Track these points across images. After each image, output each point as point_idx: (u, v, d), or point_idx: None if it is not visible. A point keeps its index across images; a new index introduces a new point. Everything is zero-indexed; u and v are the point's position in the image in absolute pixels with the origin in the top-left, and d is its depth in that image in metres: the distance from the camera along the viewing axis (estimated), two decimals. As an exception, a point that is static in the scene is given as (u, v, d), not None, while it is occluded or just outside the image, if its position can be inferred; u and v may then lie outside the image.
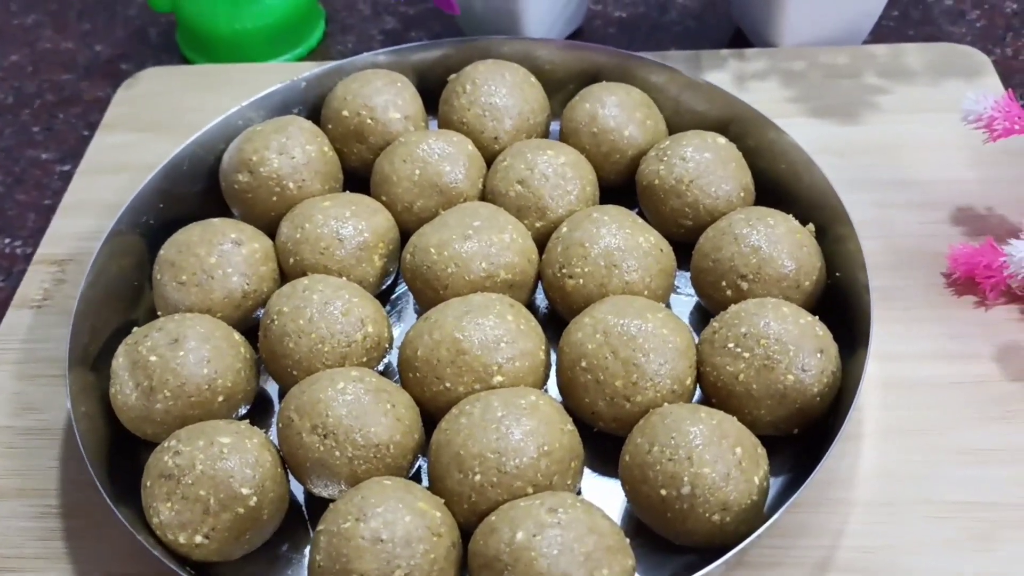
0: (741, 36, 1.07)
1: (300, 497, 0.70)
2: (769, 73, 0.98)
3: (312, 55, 1.10)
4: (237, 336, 0.72)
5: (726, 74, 0.97)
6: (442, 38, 0.99)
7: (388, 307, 0.81)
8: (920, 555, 0.65)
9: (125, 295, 0.79)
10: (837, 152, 0.87)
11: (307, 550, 0.67)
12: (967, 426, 0.71)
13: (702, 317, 0.78)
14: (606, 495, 0.68)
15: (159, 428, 0.68)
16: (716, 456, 0.61)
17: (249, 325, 0.77)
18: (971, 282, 0.79)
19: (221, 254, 0.75)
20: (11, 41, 1.16)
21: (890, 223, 0.84)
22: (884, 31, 1.06)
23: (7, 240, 0.93)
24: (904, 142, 0.91)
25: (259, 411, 0.75)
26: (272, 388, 0.77)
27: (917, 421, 0.72)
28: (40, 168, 1.00)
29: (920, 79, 0.96)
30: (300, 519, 0.69)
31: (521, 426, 0.62)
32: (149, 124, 0.98)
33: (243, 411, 0.72)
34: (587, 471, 0.70)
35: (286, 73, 0.94)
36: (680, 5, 1.12)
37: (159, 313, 0.76)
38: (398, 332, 0.78)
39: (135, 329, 0.72)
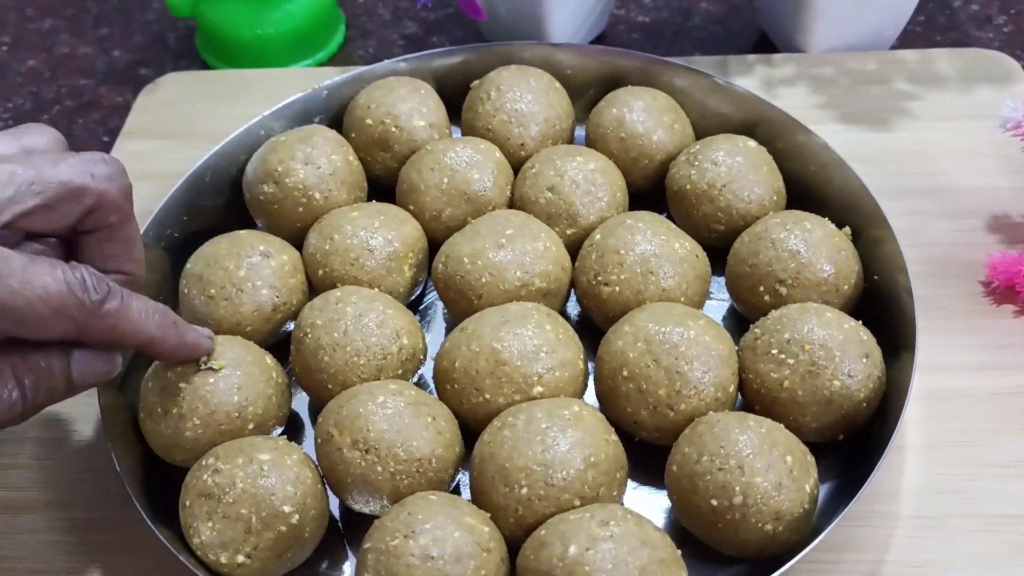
0: (765, 42, 1.06)
1: (336, 514, 0.69)
2: (797, 79, 0.97)
3: (332, 60, 1.09)
4: (269, 360, 0.71)
5: (754, 80, 0.97)
6: (464, 43, 0.98)
7: (417, 317, 0.80)
8: (966, 570, 0.64)
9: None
10: (868, 160, 0.86)
11: (346, 566, 0.67)
12: (1009, 438, 0.70)
13: (735, 323, 0.77)
14: (648, 506, 0.68)
15: (189, 455, 0.66)
16: (767, 465, 0.60)
17: (279, 339, 0.76)
18: (1011, 291, 0.78)
19: (250, 267, 0.74)
20: (28, 46, 1.15)
21: (924, 232, 0.83)
22: (911, 37, 1.06)
23: (30, 249, 0.92)
24: (936, 149, 0.90)
25: (289, 428, 0.74)
26: (300, 404, 0.76)
27: (958, 433, 0.71)
28: (61, 176, 0.99)
29: (950, 85, 0.95)
30: (338, 536, 0.68)
31: (567, 437, 0.62)
32: (171, 131, 0.97)
33: (275, 435, 0.71)
34: (628, 482, 0.69)
35: (307, 79, 0.93)
36: (704, 10, 1.12)
37: (187, 327, 0.75)
38: (428, 342, 0.77)
39: None
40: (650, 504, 0.68)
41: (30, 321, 0.51)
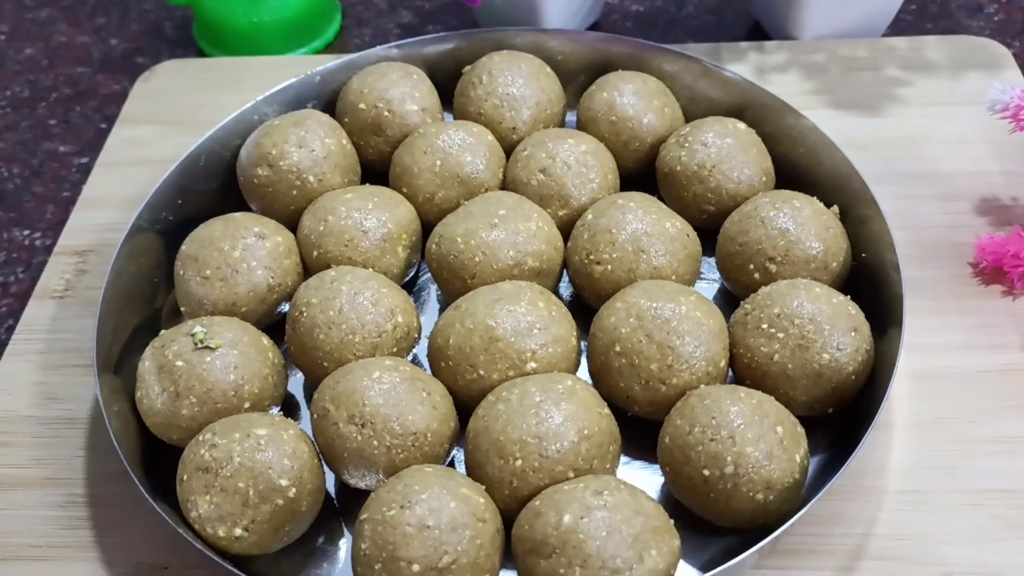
0: (758, 30, 1.07)
1: (332, 491, 0.70)
2: (789, 66, 0.98)
3: (328, 48, 1.10)
4: (266, 341, 0.71)
5: (746, 66, 0.98)
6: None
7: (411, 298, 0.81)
8: (952, 543, 0.65)
9: (145, 293, 0.79)
10: (859, 145, 0.87)
11: (342, 542, 0.67)
12: (996, 415, 0.71)
13: (726, 303, 0.78)
14: (641, 481, 0.68)
15: (185, 433, 0.67)
16: (758, 435, 0.61)
17: (274, 320, 0.77)
18: (999, 272, 0.79)
19: (245, 248, 0.75)
20: (25, 35, 1.16)
21: (915, 215, 0.84)
22: (902, 25, 1.07)
23: (26, 232, 0.93)
24: (926, 135, 0.91)
25: (285, 408, 0.74)
26: (295, 387, 0.76)
27: (946, 411, 0.72)
28: (58, 161, 1.00)
29: (941, 72, 0.96)
30: (334, 511, 0.69)
31: (561, 410, 0.62)
32: (167, 117, 0.98)
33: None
34: (621, 457, 0.69)
35: (303, 66, 0.94)
36: (697, -1, 1.13)
37: (182, 309, 0.76)
38: (422, 324, 0.78)
39: (162, 332, 0.71)
40: (643, 479, 0.69)
41: None
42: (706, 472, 0.61)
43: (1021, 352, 0.74)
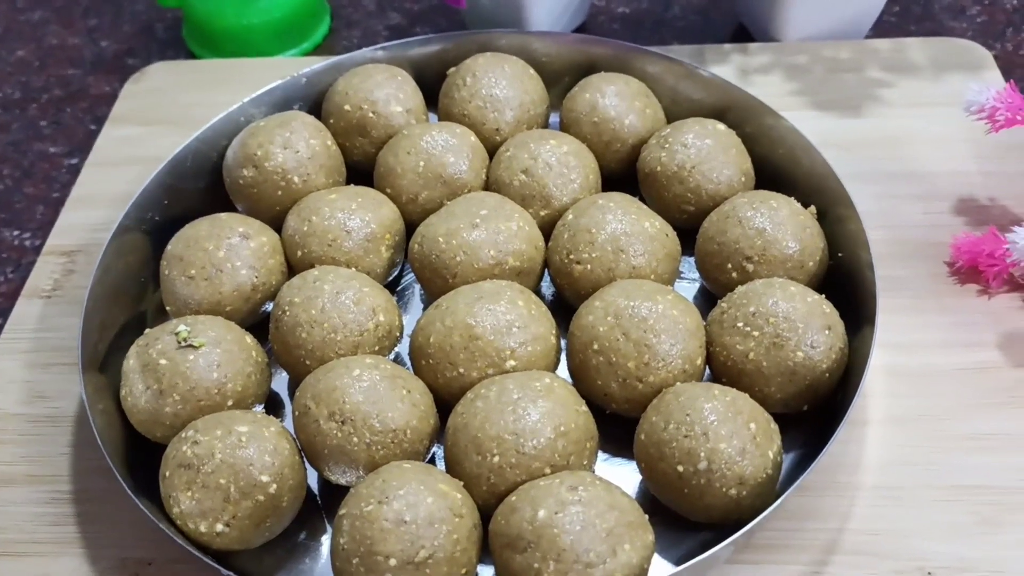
0: (743, 32, 1.08)
1: (315, 487, 0.71)
2: (772, 67, 0.99)
3: (318, 50, 1.11)
4: (249, 339, 0.72)
5: (729, 68, 0.99)
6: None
7: (394, 298, 0.82)
8: (927, 538, 0.66)
9: (131, 292, 0.80)
10: (841, 145, 0.88)
11: (324, 538, 0.68)
12: (972, 413, 0.72)
13: (705, 302, 0.79)
14: (619, 478, 0.69)
15: (168, 431, 0.68)
16: (731, 431, 0.62)
17: (258, 319, 0.78)
18: (974, 271, 0.80)
19: (230, 248, 0.76)
20: (17, 37, 1.17)
21: (894, 214, 0.85)
22: (885, 27, 1.08)
23: (16, 232, 0.94)
24: (907, 135, 0.92)
25: (268, 407, 0.75)
26: (279, 386, 0.77)
27: (922, 408, 0.73)
28: (48, 161, 1.01)
29: (922, 73, 0.97)
30: (316, 508, 0.70)
31: (537, 408, 0.63)
32: (157, 118, 0.99)
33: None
34: (599, 454, 0.70)
35: (291, 68, 0.95)
36: (683, 1, 1.14)
37: (168, 308, 0.77)
38: (405, 322, 0.79)
39: (147, 331, 0.72)
40: (620, 476, 0.69)
41: None
42: (680, 468, 0.62)
43: (997, 350, 0.75)
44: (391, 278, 0.82)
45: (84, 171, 0.95)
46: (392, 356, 0.75)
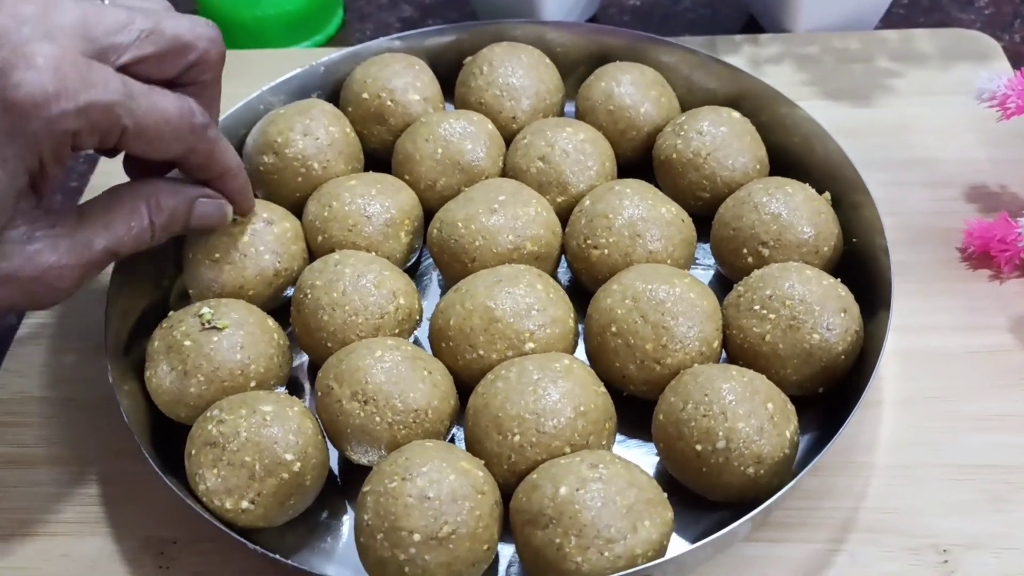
0: (754, 24, 1.09)
1: (335, 468, 0.72)
2: (783, 57, 1.00)
3: (330, 43, 1.12)
4: (271, 322, 0.73)
5: (741, 58, 1.00)
6: (459, 24, 1.01)
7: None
8: (939, 516, 0.67)
9: (152, 276, 0.81)
10: (851, 133, 0.88)
11: (345, 518, 0.69)
12: (982, 394, 0.73)
13: (721, 288, 0.79)
14: (636, 459, 0.69)
15: (192, 411, 0.69)
16: (749, 411, 0.62)
17: (280, 303, 0.78)
18: (986, 256, 0.81)
19: (253, 233, 0.76)
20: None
21: (904, 201, 0.86)
22: (894, 18, 1.09)
23: (36, 222, 0.94)
24: (916, 124, 0.93)
25: (290, 390, 0.76)
26: (299, 370, 0.78)
27: (934, 390, 0.74)
28: (65, 151, 1.01)
29: (931, 63, 0.98)
30: (337, 488, 0.71)
31: (557, 388, 0.64)
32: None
33: (276, 392, 0.73)
34: (616, 436, 0.71)
35: (305, 59, 0.95)
36: (694, -8, 1.15)
37: (190, 291, 0.78)
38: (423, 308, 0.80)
39: (171, 313, 0.73)
40: (638, 457, 0.70)
41: (155, 140, 0.61)
42: (699, 447, 0.63)
43: (1007, 334, 0.76)
44: (409, 263, 0.83)
45: (101, 161, 0.96)
46: (412, 340, 0.75)
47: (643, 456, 0.70)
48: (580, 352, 0.74)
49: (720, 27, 1.10)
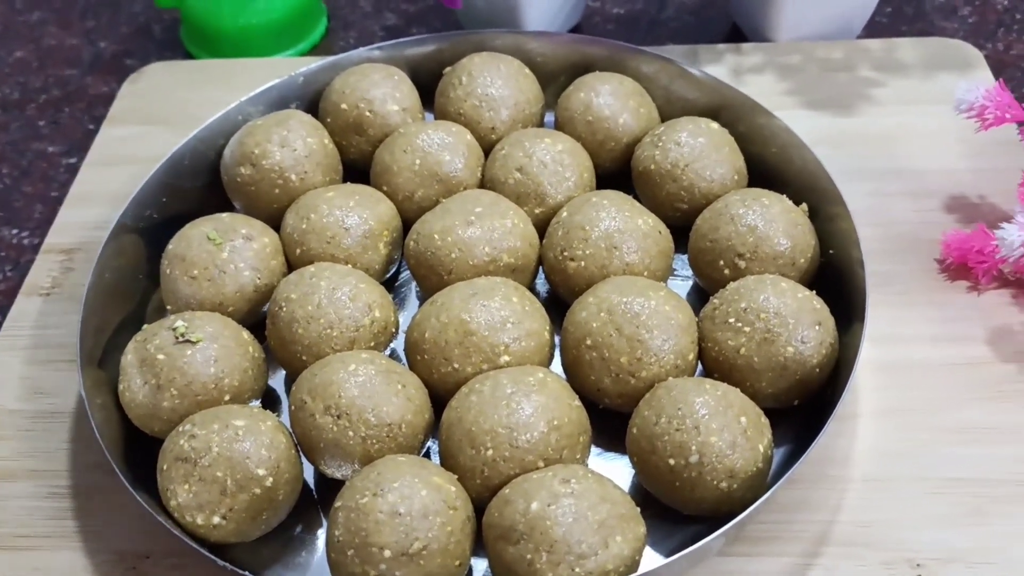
0: (737, 32, 1.09)
1: (310, 481, 0.71)
2: (765, 67, 1.00)
3: (314, 51, 1.12)
4: (246, 335, 0.73)
5: (723, 68, 0.99)
6: (443, 33, 1.01)
7: (391, 295, 0.82)
8: (915, 529, 0.67)
9: (129, 290, 0.80)
10: (833, 143, 0.89)
11: (320, 531, 0.69)
12: (960, 406, 0.73)
13: (699, 299, 0.79)
14: (611, 472, 0.69)
15: (166, 425, 0.68)
16: (722, 425, 0.62)
17: (258, 319, 0.78)
18: (964, 267, 0.81)
19: (232, 249, 0.76)
20: (16, 37, 1.18)
21: (885, 211, 0.86)
22: (877, 27, 1.09)
23: (15, 231, 0.94)
24: (898, 133, 0.93)
25: (265, 403, 0.76)
26: (276, 383, 0.78)
27: (912, 401, 0.74)
28: (46, 161, 1.01)
29: (913, 72, 0.98)
30: (312, 501, 0.70)
31: (531, 402, 0.64)
32: (154, 117, 1.00)
33: (251, 405, 0.73)
34: (592, 448, 0.71)
35: (288, 68, 0.96)
36: (677, 2, 1.15)
37: (168, 307, 0.77)
38: (402, 319, 0.80)
39: (145, 327, 0.73)
40: (614, 470, 0.70)
41: None
42: (672, 461, 0.62)
43: (985, 345, 0.76)
44: (389, 275, 0.82)
45: (82, 170, 0.96)
46: (388, 352, 0.75)
47: (620, 469, 0.70)
48: (556, 365, 0.74)
49: (704, 35, 1.10)
